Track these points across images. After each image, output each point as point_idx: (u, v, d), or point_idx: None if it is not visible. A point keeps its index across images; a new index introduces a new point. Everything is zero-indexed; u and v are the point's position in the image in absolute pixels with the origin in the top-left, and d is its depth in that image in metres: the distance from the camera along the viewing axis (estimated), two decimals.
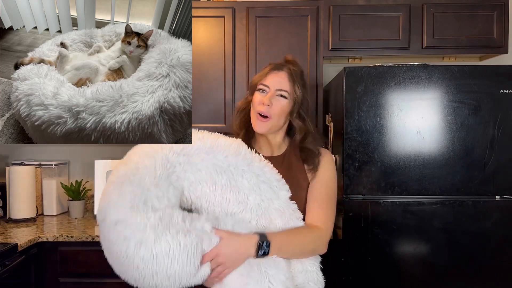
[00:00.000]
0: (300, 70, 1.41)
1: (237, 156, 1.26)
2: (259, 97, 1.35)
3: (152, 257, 1.11)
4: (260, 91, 1.36)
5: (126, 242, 1.12)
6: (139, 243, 1.11)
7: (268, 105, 1.32)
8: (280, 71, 1.36)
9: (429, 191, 2.00)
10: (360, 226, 2.00)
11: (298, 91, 1.35)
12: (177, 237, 1.12)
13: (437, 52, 2.50)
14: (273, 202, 1.26)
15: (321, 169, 1.39)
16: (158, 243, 1.11)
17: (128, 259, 1.13)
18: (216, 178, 1.23)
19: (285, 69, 1.37)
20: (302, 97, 1.37)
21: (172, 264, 1.12)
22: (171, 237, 1.12)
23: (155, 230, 1.12)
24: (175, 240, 1.12)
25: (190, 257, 1.13)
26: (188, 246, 1.12)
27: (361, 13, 2.46)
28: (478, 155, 1.98)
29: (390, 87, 2.00)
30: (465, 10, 2.44)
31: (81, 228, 2.34)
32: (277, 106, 1.33)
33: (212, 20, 2.50)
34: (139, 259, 1.12)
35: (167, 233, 1.12)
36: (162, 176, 1.20)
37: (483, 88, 1.98)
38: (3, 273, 1.88)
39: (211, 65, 2.51)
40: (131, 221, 1.12)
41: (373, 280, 2.02)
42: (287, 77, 1.35)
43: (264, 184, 1.26)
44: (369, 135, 2.01)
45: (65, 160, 2.87)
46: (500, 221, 1.99)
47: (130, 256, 1.13)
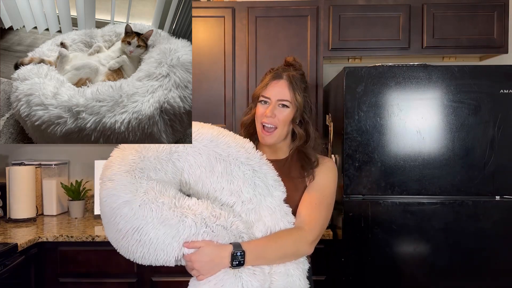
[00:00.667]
0: (301, 73, 1.40)
1: (239, 148, 1.29)
2: (262, 109, 1.36)
3: (132, 217, 1.14)
4: (262, 103, 1.37)
5: (113, 198, 1.17)
6: (124, 203, 1.15)
7: (271, 116, 1.33)
8: (280, 79, 1.36)
9: (429, 191, 2.00)
10: (360, 226, 2.00)
11: (299, 98, 1.35)
12: (162, 208, 1.15)
13: (437, 52, 2.50)
14: (265, 199, 1.27)
15: (320, 174, 1.39)
16: (143, 208, 1.15)
17: (111, 215, 1.17)
18: (214, 164, 1.26)
19: (285, 76, 1.36)
20: (304, 102, 1.37)
21: (150, 230, 1.14)
22: (155, 206, 1.15)
23: (144, 196, 1.16)
24: (159, 210, 1.15)
25: (168, 231, 1.15)
26: (170, 220, 1.15)
27: (361, 13, 2.46)
28: (478, 155, 1.98)
29: (390, 87, 2.00)
30: (465, 10, 2.44)
31: (81, 228, 2.34)
32: (281, 116, 1.34)
33: (212, 20, 2.50)
34: (121, 217, 1.15)
35: (153, 201, 1.15)
36: (165, 152, 1.25)
37: (483, 88, 1.98)
38: (3, 273, 1.88)
39: (211, 65, 2.51)
40: (124, 182, 1.17)
41: (373, 280, 2.02)
42: (287, 85, 1.35)
43: (259, 180, 1.27)
44: (369, 135, 2.01)
45: (65, 160, 2.87)
46: (500, 221, 1.98)
47: (113, 213, 1.16)
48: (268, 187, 1.28)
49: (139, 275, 2.22)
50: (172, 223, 1.15)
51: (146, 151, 1.25)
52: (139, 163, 1.22)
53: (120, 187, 1.17)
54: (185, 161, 1.26)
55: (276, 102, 1.34)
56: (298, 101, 1.35)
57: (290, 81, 1.35)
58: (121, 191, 1.17)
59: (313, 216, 1.32)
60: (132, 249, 1.18)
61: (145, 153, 1.24)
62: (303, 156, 1.40)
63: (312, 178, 1.38)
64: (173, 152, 1.26)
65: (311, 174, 1.38)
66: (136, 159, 1.23)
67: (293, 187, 1.36)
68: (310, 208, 1.33)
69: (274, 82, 1.36)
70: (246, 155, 1.28)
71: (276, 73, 1.37)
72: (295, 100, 1.34)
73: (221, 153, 1.27)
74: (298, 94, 1.35)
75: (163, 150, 1.26)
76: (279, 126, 1.35)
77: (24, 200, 2.50)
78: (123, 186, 1.17)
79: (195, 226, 1.16)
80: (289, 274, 1.27)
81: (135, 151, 1.25)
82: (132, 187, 1.17)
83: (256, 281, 1.19)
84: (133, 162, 1.22)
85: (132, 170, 1.20)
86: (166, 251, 1.16)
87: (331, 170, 1.41)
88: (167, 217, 1.15)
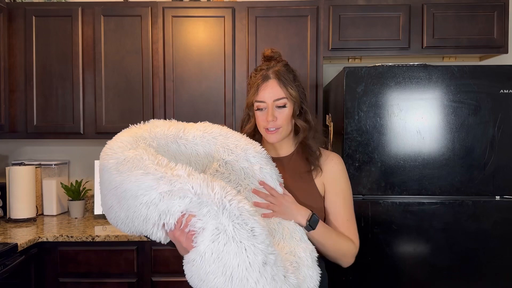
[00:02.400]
0: (284, 65, 1.37)
1: (248, 143, 1.30)
2: (262, 117, 1.34)
3: (115, 170, 1.08)
4: (259, 111, 1.35)
5: (108, 152, 1.13)
6: (112, 156, 1.11)
7: (273, 120, 1.32)
8: (268, 80, 1.33)
9: (429, 191, 2.00)
10: (360, 226, 2.00)
11: (293, 91, 1.34)
12: (144, 163, 1.06)
13: (437, 52, 2.50)
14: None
15: (336, 176, 1.38)
16: (127, 161, 1.07)
17: (101, 170, 1.13)
18: (223, 154, 1.27)
19: (272, 75, 1.33)
20: (298, 93, 1.36)
21: (127, 183, 1.05)
22: (138, 161, 1.07)
23: (132, 152, 1.10)
24: (141, 163, 1.06)
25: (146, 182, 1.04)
26: (148, 175, 1.05)
27: (361, 13, 2.46)
28: (478, 155, 1.98)
29: (390, 87, 2.00)
30: (465, 10, 2.44)
31: (81, 228, 2.34)
32: (282, 116, 1.33)
33: (212, 20, 2.50)
34: (106, 171, 1.10)
35: (138, 158, 1.08)
36: (172, 134, 1.26)
37: (483, 88, 1.98)
38: (3, 273, 1.88)
39: (211, 65, 2.51)
40: (124, 141, 1.14)
41: (373, 280, 2.02)
42: (277, 83, 1.33)
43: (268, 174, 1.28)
44: (369, 135, 2.01)
45: (65, 160, 2.87)
46: (500, 221, 1.98)
47: (102, 167, 1.12)
48: (273, 180, 1.28)
49: (139, 275, 2.22)
50: (148, 177, 1.04)
51: (154, 127, 1.25)
52: (144, 134, 1.21)
53: (117, 143, 1.13)
54: (192, 149, 1.27)
55: (273, 103, 1.32)
56: (293, 95, 1.34)
57: (279, 77, 1.33)
58: (116, 147, 1.12)
59: (354, 231, 1.38)
60: (114, 207, 1.10)
61: (153, 129, 1.24)
62: (307, 149, 1.39)
63: (320, 170, 1.37)
64: (181, 137, 1.27)
65: (318, 166, 1.37)
66: (143, 132, 1.22)
67: (301, 183, 1.36)
68: (348, 224, 1.37)
69: (264, 84, 1.33)
70: (254, 149, 1.30)
71: (262, 75, 1.34)
72: (290, 95, 1.33)
73: (230, 145, 1.28)
74: (290, 88, 1.33)
75: (171, 132, 1.26)
76: (283, 125, 1.34)
77: (24, 200, 2.50)
78: (120, 143, 1.13)
79: (169, 184, 1.04)
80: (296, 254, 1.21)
81: (143, 126, 1.25)
82: (128, 145, 1.12)
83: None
84: (139, 133, 1.21)
85: (136, 136, 1.18)
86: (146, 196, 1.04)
87: (342, 166, 1.41)
88: (144, 172, 1.05)
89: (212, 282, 1.03)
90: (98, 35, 2.52)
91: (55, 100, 2.55)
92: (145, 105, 2.52)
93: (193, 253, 1.03)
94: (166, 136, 1.25)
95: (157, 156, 1.11)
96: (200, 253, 1.02)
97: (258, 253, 1.01)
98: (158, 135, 1.24)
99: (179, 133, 1.27)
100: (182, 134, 1.27)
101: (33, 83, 2.54)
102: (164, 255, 2.21)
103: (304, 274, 1.16)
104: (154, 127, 1.25)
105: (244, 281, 1.01)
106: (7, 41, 2.53)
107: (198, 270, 1.04)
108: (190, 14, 2.50)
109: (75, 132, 2.55)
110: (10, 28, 2.54)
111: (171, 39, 2.50)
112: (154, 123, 1.28)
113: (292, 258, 1.17)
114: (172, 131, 1.26)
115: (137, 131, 1.23)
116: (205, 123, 1.34)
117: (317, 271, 1.19)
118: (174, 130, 1.26)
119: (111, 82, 2.53)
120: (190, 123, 1.33)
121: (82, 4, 2.55)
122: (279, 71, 1.34)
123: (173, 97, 2.51)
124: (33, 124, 2.55)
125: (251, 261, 1.00)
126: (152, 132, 1.23)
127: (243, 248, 1.00)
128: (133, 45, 2.52)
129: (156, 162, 1.08)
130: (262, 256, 1.01)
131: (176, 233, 1.05)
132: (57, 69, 2.54)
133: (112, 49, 2.52)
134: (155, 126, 1.26)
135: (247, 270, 1.01)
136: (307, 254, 1.20)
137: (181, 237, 1.04)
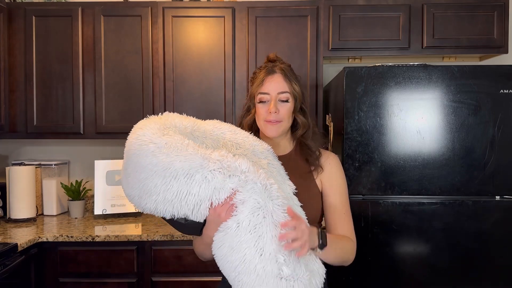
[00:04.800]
0: (288, 65, 1.42)
1: (256, 140, 1.31)
2: (264, 109, 1.36)
3: (159, 152, 1.12)
4: (262, 103, 1.37)
5: (142, 138, 1.15)
6: (151, 141, 1.14)
7: (275, 112, 1.34)
8: (274, 74, 1.37)
9: (429, 191, 2.00)
10: (360, 226, 2.00)
11: (297, 88, 1.37)
12: (187, 147, 1.12)
13: (437, 52, 2.50)
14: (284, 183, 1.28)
15: (333, 174, 1.40)
16: (168, 145, 1.12)
17: (138, 155, 1.14)
18: (231, 149, 1.27)
19: (278, 70, 1.37)
20: (301, 91, 1.39)
21: (176, 163, 1.10)
22: (180, 145, 1.12)
23: (169, 137, 1.14)
24: (183, 148, 1.12)
25: (192, 163, 1.10)
26: (194, 156, 1.10)
27: (361, 13, 2.46)
28: (478, 155, 1.98)
29: (390, 87, 2.00)
30: (465, 10, 2.44)
31: (81, 228, 2.34)
32: (284, 109, 1.35)
33: (212, 20, 2.50)
34: (147, 153, 1.13)
35: (179, 141, 1.14)
36: (190, 125, 1.27)
37: (483, 88, 1.98)
38: (3, 273, 1.88)
39: (211, 65, 2.51)
40: (153, 127, 1.16)
41: (373, 280, 2.02)
42: (283, 78, 1.36)
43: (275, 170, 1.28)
44: (369, 135, 2.01)
45: (65, 160, 2.87)
46: (500, 221, 1.98)
47: (141, 151, 1.14)
48: (282, 176, 1.28)
49: (139, 275, 2.22)
50: (198, 156, 1.11)
51: (172, 119, 1.26)
52: (166, 123, 1.23)
53: (149, 130, 1.16)
54: (202, 142, 1.28)
55: (277, 96, 1.35)
56: (296, 91, 1.37)
57: (285, 73, 1.37)
58: (149, 134, 1.15)
59: (350, 226, 1.38)
60: (158, 189, 1.13)
61: (171, 120, 1.25)
62: (306, 149, 1.41)
63: (321, 170, 1.39)
64: (196, 130, 1.28)
65: (319, 166, 1.39)
66: (164, 121, 1.23)
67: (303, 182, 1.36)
68: (345, 219, 1.38)
69: (270, 77, 1.36)
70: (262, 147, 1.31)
71: (267, 70, 1.38)
72: (293, 90, 1.36)
73: (240, 142, 1.29)
74: (294, 83, 1.37)
75: (188, 124, 1.27)
76: (284, 119, 1.36)
77: (24, 200, 2.50)
78: (151, 130, 1.16)
79: (219, 162, 1.10)
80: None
81: (162, 117, 1.26)
82: (159, 132, 1.16)
83: None
84: (162, 121, 1.22)
85: (162, 124, 1.20)
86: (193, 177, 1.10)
87: (339, 165, 1.43)
88: (193, 152, 1.11)
89: (242, 252, 1.08)
90: (98, 35, 2.52)
91: (55, 100, 2.55)
92: (145, 105, 2.52)
93: (231, 220, 1.10)
94: (185, 128, 1.26)
95: (193, 142, 1.15)
96: (238, 220, 1.09)
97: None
98: (178, 126, 1.25)
99: (194, 126, 1.29)
100: (196, 127, 1.29)
101: (33, 83, 2.54)
102: (164, 255, 2.21)
103: (312, 266, 1.19)
104: (172, 119, 1.26)
105: (272, 257, 1.07)
106: (7, 41, 2.53)
107: (232, 238, 1.09)
108: (190, 14, 2.50)
109: (75, 132, 2.55)
110: (10, 28, 2.54)
111: (171, 39, 2.50)
112: (170, 115, 1.28)
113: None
114: (188, 123, 1.28)
115: (158, 120, 1.23)
116: (214, 120, 1.36)
117: (322, 266, 1.23)
118: (190, 123, 1.28)
119: (111, 82, 2.53)
120: (200, 120, 1.35)
121: (82, 4, 2.55)
122: (284, 67, 1.39)
123: (173, 97, 2.51)
124: (33, 124, 2.55)
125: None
126: (172, 122, 1.24)
127: (278, 225, 1.08)
128: (133, 45, 2.52)
129: (198, 145, 1.14)
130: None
131: (218, 208, 1.11)
132: (57, 69, 2.54)
133: (112, 49, 2.52)
134: (172, 118, 1.27)
135: (278, 247, 1.07)
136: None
137: (222, 212, 1.11)
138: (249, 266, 1.07)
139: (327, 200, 1.38)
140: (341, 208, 1.38)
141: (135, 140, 1.17)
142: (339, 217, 1.37)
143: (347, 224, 1.37)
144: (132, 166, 1.18)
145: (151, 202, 1.15)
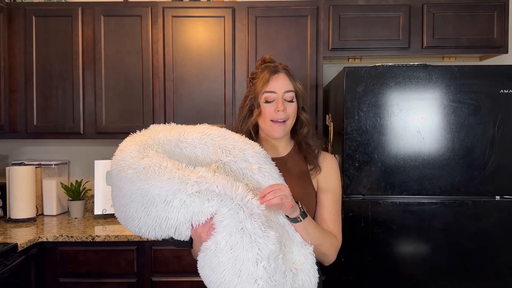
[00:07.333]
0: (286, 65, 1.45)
1: (246, 143, 1.30)
2: (270, 108, 1.36)
3: (137, 179, 1.13)
4: (267, 103, 1.36)
5: (120, 163, 1.18)
6: (129, 166, 1.15)
7: (283, 110, 1.35)
8: (279, 73, 1.38)
9: (429, 191, 2.00)
10: (360, 226, 2.00)
11: (300, 86, 1.40)
12: (165, 170, 1.13)
13: (437, 52, 2.50)
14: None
15: (329, 174, 1.41)
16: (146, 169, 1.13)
17: (118, 180, 1.17)
18: (221, 156, 1.27)
19: (281, 69, 1.39)
20: (303, 90, 1.42)
21: (153, 189, 1.12)
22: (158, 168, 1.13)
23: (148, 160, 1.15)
24: (162, 172, 1.12)
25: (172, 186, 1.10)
26: (172, 179, 1.11)
27: (361, 13, 2.46)
28: (478, 155, 1.98)
29: (390, 87, 2.00)
30: (465, 10, 2.44)
31: (81, 228, 2.34)
32: (291, 108, 1.37)
33: (212, 20, 2.50)
34: (125, 180, 1.15)
35: (157, 165, 1.14)
36: (175, 139, 1.27)
37: (483, 88, 1.98)
38: (3, 273, 1.88)
39: (211, 65, 2.51)
40: (132, 150, 1.18)
41: (373, 280, 2.02)
42: (287, 77, 1.38)
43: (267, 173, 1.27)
44: (369, 135, 2.01)
45: (65, 160, 2.87)
46: (500, 221, 1.98)
47: (119, 177, 1.16)
48: (274, 179, 1.27)
49: (139, 275, 2.22)
50: (175, 181, 1.11)
51: (156, 133, 1.27)
52: (148, 141, 1.24)
53: (128, 153, 1.18)
54: (191, 152, 1.28)
55: (283, 94, 1.36)
56: (300, 89, 1.40)
57: (288, 72, 1.39)
58: (128, 158, 1.17)
59: (338, 226, 1.39)
60: (138, 215, 1.15)
61: (155, 135, 1.26)
62: (306, 148, 1.42)
63: (319, 169, 1.40)
64: (182, 141, 1.28)
65: (317, 166, 1.40)
66: (146, 139, 1.24)
67: (300, 182, 1.37)
68: (334, 218, 1.38)
69: (275, 76, 1.37)
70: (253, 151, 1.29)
71: (271, 69, 1.38)
72: (298, 89, 1.39)
73: (228, 146, 1.28)
74: (298, 82, 1.40)
75: (173, 137, 1.27)
76: (290, 117, 1.38)
77: (24, 200, 2.50)
78: (130, 153, 1.18)
79: (197, 185, 1.11)
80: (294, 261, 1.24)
81: (145, 133, 1.28)
82: (139, 154, 1.17)
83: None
84: (143, 140, 1.24)
85: (142, 144, 1.21)
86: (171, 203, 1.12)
87: (336, 166, 1.45)
88: (170, 177, 1.11)
89: (221, 273, 1.09)
90: (98, 35, 2.52)
91: (55, 100, 2.55)
92: (145, 105, 2.52)
93: (210, 241, 1.11)
94: (169, 141, 1.26)
95: (173, 161, 1.16)
96: (216, 241, 1.09)
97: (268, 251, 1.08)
98: (161, 141, 1.25)
99: (180, 136, 1.28)
100: (183, 138, 1.28)
101: (33, 83, 2.54)
102: (164, 255, 2.21)
103: (302, 279, 1.20)
104: (156, 133, 1.27)
105: (250, 279, 1.08)
106: (7, 41, 2.53)
107: (211, 259, 1.11)
108: (190, 14, 2.50)
109: (75, 132, 2.55)
110: (10, 28, 2.54)
111: (171, 39, 2.50)
112: (155, 128, 1.29)
113: (291, 264, 1.21)
114: (173, 135, 1.27)
115: (141, 138, 1.24)
116: (204, 125, 1.34)
117: (315, 277, 1.23)
118: (176, 134, 1.28)
119: (111, 82, 2.53)
120: (190, 125, 1.33)
121: (82, 4, 2.55)
122: (287, 67, 1.41)
123: (173, 97, 2.52)
124: (33, 124, 2.55)
125: (259, 257, 1.08)
126: (156, 138, 1.25)
127: (257, 246, 1.08)
128: (133, 45, 2.52)
129: (176, 167, 1.14)
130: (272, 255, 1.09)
131: (199, 229, 1.13)
132: (57, 69, 2.54)
133: (112, 49, 2.52)
134: (157, 132, 1.27)
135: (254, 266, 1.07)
136: (306, 260, 1.23)
137: (203, 232, 1.12)
138: (229, 286, 1.09)
139: (320, 198, 1.39)
140: (332, 207, 1.39)
141: (115, 165, 1.19)
142: (328, 216, 1.38)
143: (336, 224, 1.38)
144: (115, 191, 1.22)
145: (134, 226, 1.20)
